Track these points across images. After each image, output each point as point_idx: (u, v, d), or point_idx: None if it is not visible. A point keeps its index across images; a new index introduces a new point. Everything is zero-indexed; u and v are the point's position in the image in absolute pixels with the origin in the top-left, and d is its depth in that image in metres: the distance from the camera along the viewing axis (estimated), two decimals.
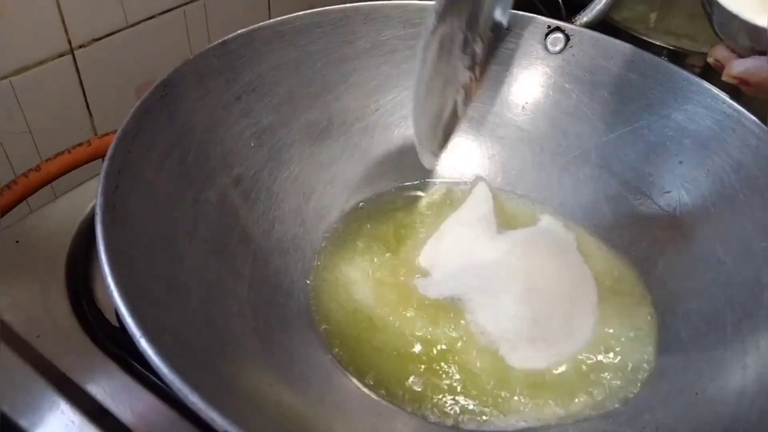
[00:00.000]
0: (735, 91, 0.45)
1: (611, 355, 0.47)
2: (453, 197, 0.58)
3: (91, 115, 0.73)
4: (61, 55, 0.67)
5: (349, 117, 0.58)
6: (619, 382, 0.45)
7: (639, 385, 0.45)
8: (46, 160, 0.54)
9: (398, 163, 0.59)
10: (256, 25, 0.54)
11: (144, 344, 0.30)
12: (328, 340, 0.46)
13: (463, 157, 0.60)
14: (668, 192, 0.52)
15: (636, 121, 0.55)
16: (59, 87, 0.68)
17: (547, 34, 0.58)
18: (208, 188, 0.48)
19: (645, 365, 0.46)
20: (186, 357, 0.34)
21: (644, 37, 0.69)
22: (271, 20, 0.55)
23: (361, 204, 0.57)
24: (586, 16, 0.60)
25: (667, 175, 0.53)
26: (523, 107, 0.59)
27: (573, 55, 0.57)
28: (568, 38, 0.57)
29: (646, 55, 0.55)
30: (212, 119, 0.50)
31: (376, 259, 0.53)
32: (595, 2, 0.60)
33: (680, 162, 0.52)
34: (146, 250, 0.39)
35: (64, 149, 0.55)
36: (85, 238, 0.51)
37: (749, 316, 0.43)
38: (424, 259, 0.53)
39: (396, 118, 0.60)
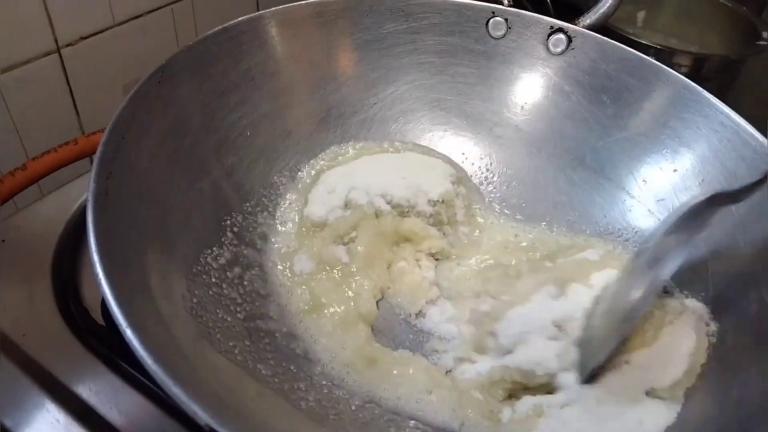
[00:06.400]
0: (727, 92, 0.45)
1: None
2: None
3: (78, 113, 0.72)
4: (47, 54, 0.66)
5: (347, 109, 0.58)
6: None
7: None
8: (33, 159, 0.53)
9: None
10: (257, 13, 0.53)
11: (129, 334, 0.30)
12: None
13: (460, 155, 0.59)
14: (662, 200, 0.52)
15: (633, 126, 0.55)
16: (46, 86, 0.68)
17: (549, 35, 0.58)
18: (203, 177, 0.47)
19: None
20: (171, 349, 0.34)
21: (632, 36, 0.69)
22: (273, 8, 0.54)
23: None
24: (590, 18, 0.60)
25: (662, 183, 0.53)
26: (522, 107, 0.59)
27: (574, 57, 0.57)
28: (570, 40, 0.57)
29: (647, 60, 0.54)
30: (209, 107, 0.50)
31: None
32: (600, 4, 0.60)
33: (675, 170, 0.52)
34: (137, 238, 0.38)
35: (50, 148, 0.54)
36: (72, 237, 0.50)
37: (736, 328, 0.44)
38: None
39: (394, 112, 0.59)
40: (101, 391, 0.41)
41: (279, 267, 0.49)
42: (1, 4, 0.60)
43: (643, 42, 0.68)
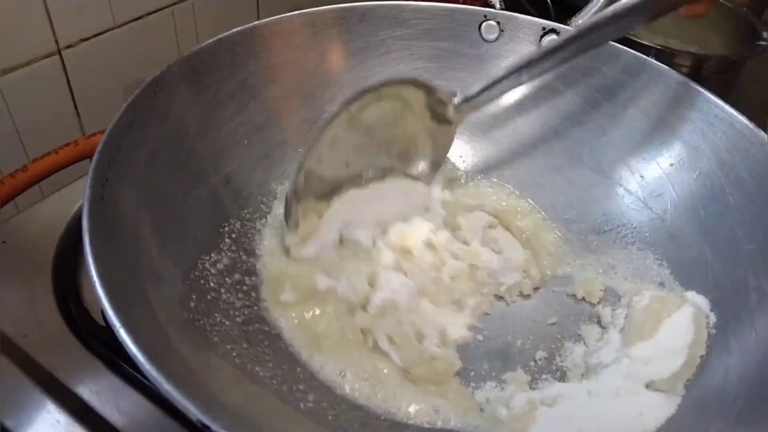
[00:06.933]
0: (727, 92, 0.45)
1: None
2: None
3: (78, 115, 0.73)
4: (48, 56, 0.67)
5: None
6: None
7: None
8: (34, 161, 0.54)
9: None
10: (252, 23, 0.54)
11: (123, 334, 0.30)
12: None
13: (457, 158, 0.60)
14: (659, 195, 0.52)
15: (628, 123, 0.55)
16: (47, 87, 0.68)
17: (542, 36, 0.58)
18: (201, 184, 0.48)
19: None
20: (166, 350, 0.34)
21: (632, 37, 0.69)
22: (268, 19, 0.55)
23: None
24: (582, 18, 0.60)
25: (659, 178, 0.53)
26: (518, 108, 0.60)
27: None
28: None
29: (640, 57, 0.55)
30: (206, 116, 0.50)
31: None
32: (591, 4, 0.60)
33: (671, 165, 0.52)
34: (134, 243, 0.39)
35: (51, 149, 0.55)
36: (72, 238, 0.51)
37: (735, 319, 0.43)
38: None
39: None
40: (102, 391, 0.41)
41: (269, 287, 0.48)
42: (2, 5, 0.61)
43: (644, 42, 0.69)
